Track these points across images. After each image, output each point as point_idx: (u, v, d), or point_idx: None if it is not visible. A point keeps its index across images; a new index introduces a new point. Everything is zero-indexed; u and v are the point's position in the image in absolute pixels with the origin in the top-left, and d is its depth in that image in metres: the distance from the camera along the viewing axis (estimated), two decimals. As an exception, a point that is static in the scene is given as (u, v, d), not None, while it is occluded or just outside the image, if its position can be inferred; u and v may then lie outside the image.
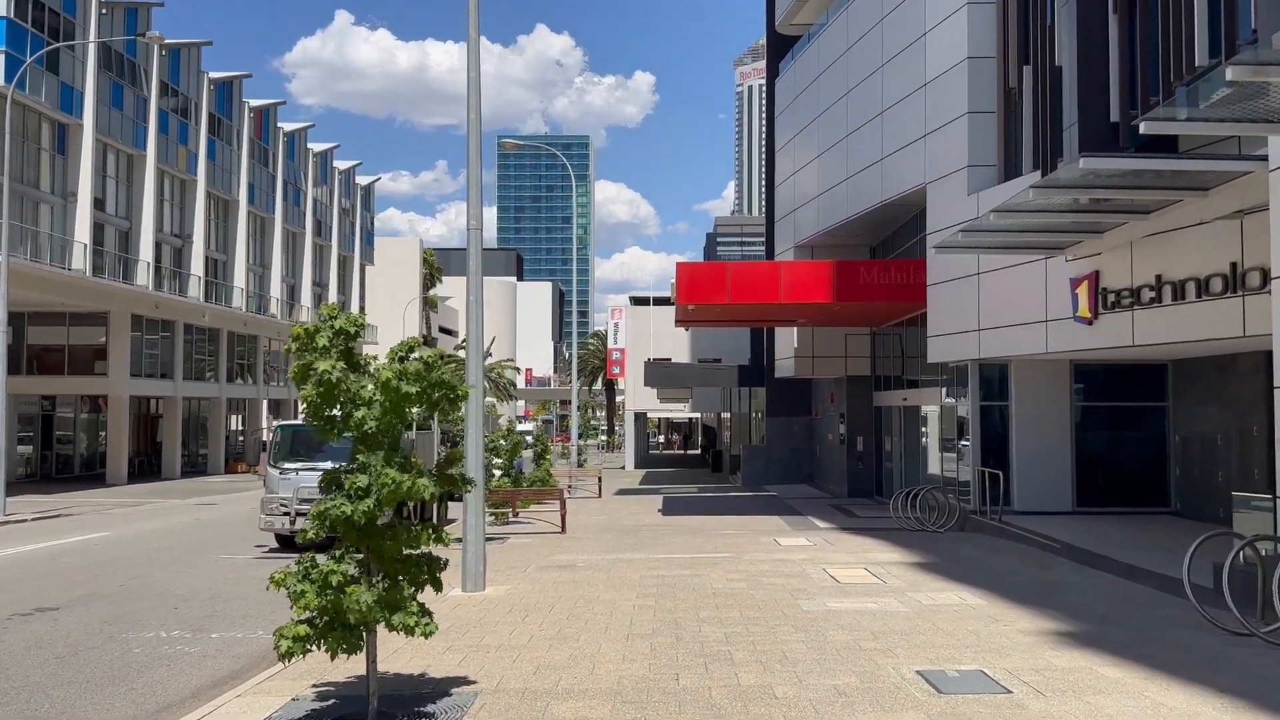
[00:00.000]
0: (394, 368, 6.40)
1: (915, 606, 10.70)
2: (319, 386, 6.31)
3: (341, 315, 6.59)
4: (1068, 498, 19.79)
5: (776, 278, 22.56)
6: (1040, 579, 12.68)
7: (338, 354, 6.48)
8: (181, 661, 9.16)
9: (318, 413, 6.48)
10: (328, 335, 6.45)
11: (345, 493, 6.33)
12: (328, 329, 6.48)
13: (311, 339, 6.46)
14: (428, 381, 6.47)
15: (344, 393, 6.35)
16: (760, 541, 17.10)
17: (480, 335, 12.16)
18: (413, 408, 6.59)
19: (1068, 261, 16.80)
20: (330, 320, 6.52)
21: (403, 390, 6.29)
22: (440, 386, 6.60)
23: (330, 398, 6.37)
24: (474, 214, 12.34)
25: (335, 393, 6.36)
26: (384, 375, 6.28)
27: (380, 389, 6.29)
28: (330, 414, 6.49)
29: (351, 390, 6.35)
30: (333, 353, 6.46)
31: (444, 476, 6.87)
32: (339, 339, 6.49)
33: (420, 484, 6.36)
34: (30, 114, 33.96)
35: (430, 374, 6.45)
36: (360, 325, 6.62)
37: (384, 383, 6.25)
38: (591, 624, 9.88)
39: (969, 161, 19.58)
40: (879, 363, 27.99)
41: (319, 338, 6.44)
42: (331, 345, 6.48)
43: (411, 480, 6.33)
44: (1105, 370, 20.25)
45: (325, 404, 6.41)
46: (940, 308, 20.43)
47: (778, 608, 10.66)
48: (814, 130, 27.31)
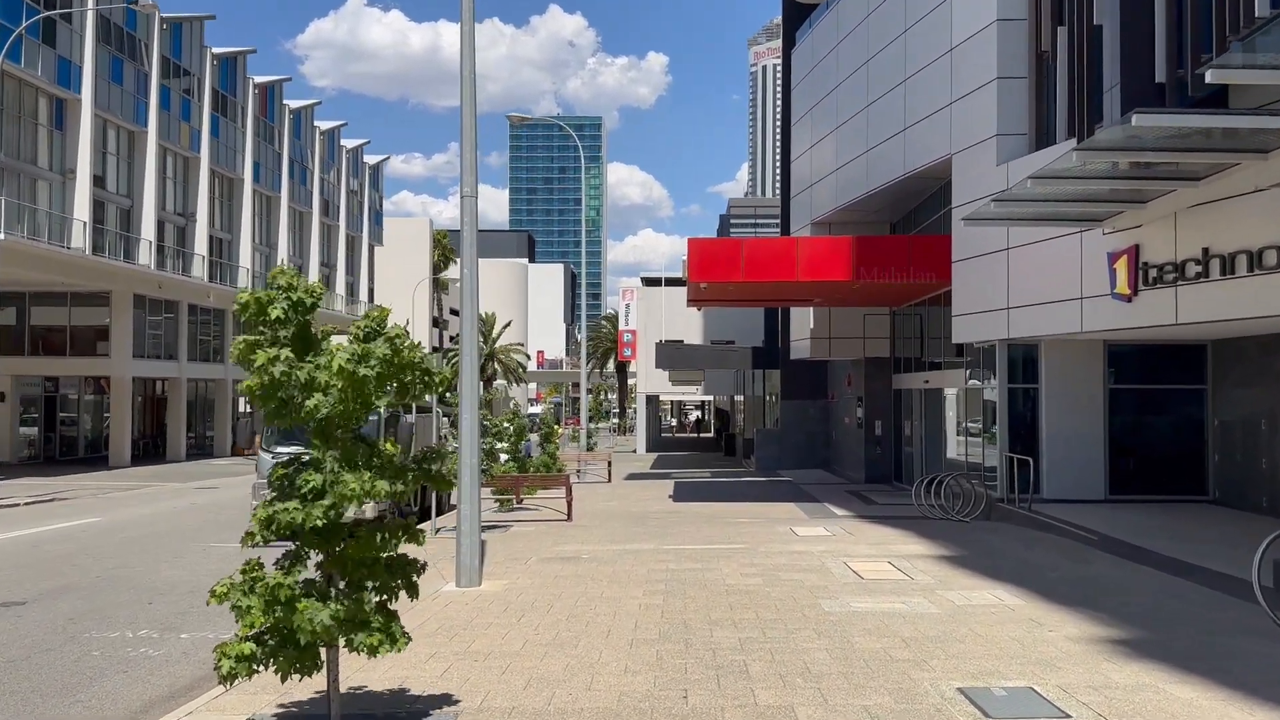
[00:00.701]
0: (350, 349, 5.47)
1: (947, 607, 9.77)
2: (261, 380, 5.41)
3: (299, 281, 5.66)
4: (1100, 485, 18.80)
5: (793, 254, 21.53)
6: (1080, 575, 11.72)
7: (290, 332, 5.56)
8: (141, 667, 8.32)
9: (263, 402, 5.58)
10: (283, 307, 5.53)
11: (298, 494, 5.43)
12: (283, 300, 5.56)
13: (263, 311, 5.54)
14: (393, 364, 5.56)
15: (293, 383, 5.45)
16: (776, 531, 16.19)
17: (474, 310, 11.25)
18: (379, 391, 5.68)
19: (1105, 235, 15.75)
20: (286, 290, 5.60)
21: (359, 374, 5.37)
22: (410, 368, 5.68)
23: (274, 391, 5.47)
24: (468, 181, 11.41)
25: (280, 391, 5.46)
26: (337, 361, 5.35)
27: (335, 374, 5.37)
28: (279, 398, 5.58)
29: (301, 378, 5.44)
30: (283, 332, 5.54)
31: (421, 472, 5.96)
32: (296, 312, 5.57)
33: (379, 486, 5.46)
34: (27, 88, 33.15)
35: (397, 356, 5.53)
36: (320, 295, 5.70)
37: (339, 369, 5.34)
38: (593, 626, 8.99)
39: (998, 130, 18.49)
40: (899, 344, 26.97)
41: (273, 309, 5.52)
42: (288, 319, 5.56)
43: (370, 481, 5.43)
44: (1140, 351, 19.22)
45: (270, 394, 5.50)
46: (966, 285, 19.40)
47: (797, 608, 9.76)
48: (832, 101, 26.21)
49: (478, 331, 11.20)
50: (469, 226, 11.40)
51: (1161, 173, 13.15)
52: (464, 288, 11.32)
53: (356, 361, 5.44)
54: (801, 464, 33.44)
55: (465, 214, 11.40)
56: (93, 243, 35.58)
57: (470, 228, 11.40)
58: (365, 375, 5.38)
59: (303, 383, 5.43)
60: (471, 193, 11.39)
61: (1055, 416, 18.73)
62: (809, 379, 33.75)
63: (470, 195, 11.39)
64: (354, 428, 5.76)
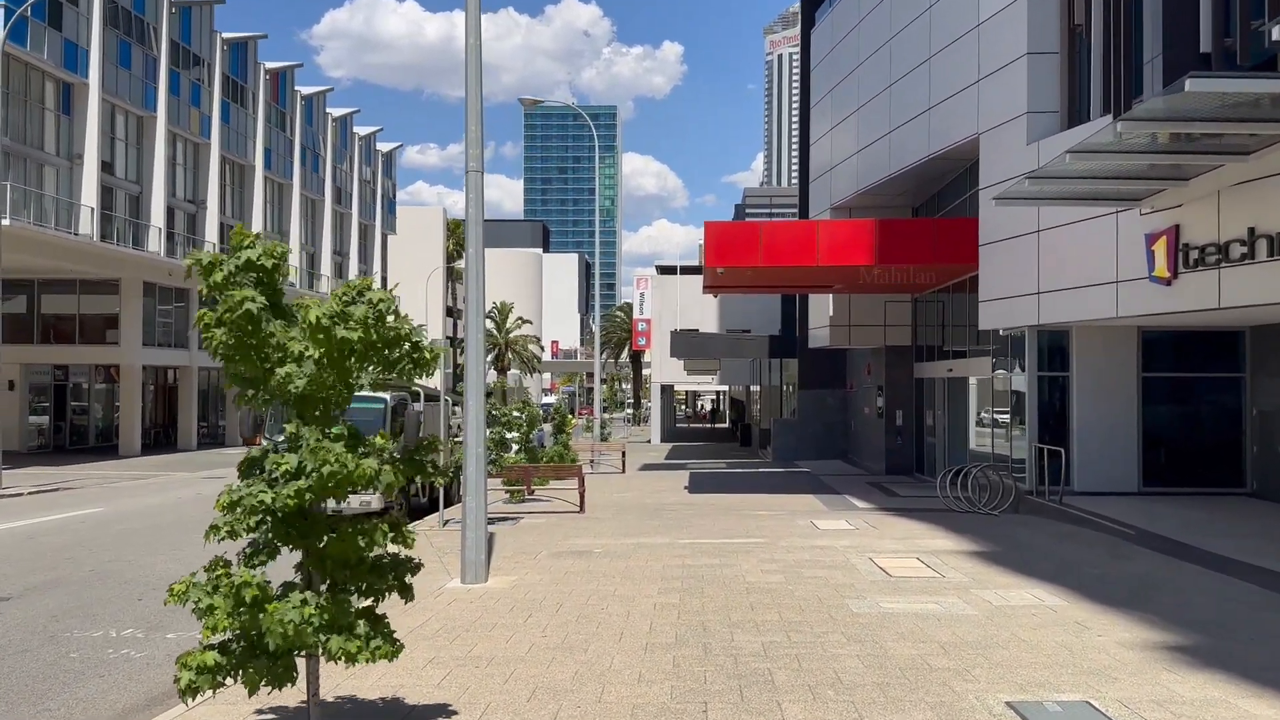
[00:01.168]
0: (326, 306, 4.83)
1: (984, 608, 9.12)
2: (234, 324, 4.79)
3: (259, 243, 5.04)
4: (1133, 477, 18.08)
5: (813, 238, 20.82)
6: (1123, 573, 11.04)
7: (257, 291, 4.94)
8: (120, 671, 7.77)
9: (232, 366, 4.97)
10: (229, 269, 4.90)
11: (265, 476, 4.83)
12: (231, 262, 4.93)
13: (209, 274, 4.92)
14: (375, 330, 4.93)
15: (265, 341, 4.83)
16: (796, 524, 15.55)
17: (480, 292, 10.64)
18: (361, 366, 5.06)
19: (1143, 215, 15.00)
20: (238, 249, 4.97)
21: (339, 336, 4.74)
22: (397, 341, 5.05)
23: (245, 346, 4.86)
24: (474, 156, 10.78)
25: (254, 339, 4.84)
26: (313, 314, 4.72)
27: (309, 335, 4.75)
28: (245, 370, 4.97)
29: (274, 339, 4.82)
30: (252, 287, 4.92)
31: (409, 461, 5.34)
32: (244, 275, 4.94)
33: (366, 465, 4.83)
34: (33, 72, 32.69)
35: (380, 322, 4.90)
36: (282, 257, 5.07)
37: (313, 324, 4.71)
38: (604, 628, 8.38)
39: (1028, 107, 17.73)
40: (921, 332, 26.22)
41: (216, 273, 4.89)
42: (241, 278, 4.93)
43: (357, 460, 4.81)
44: (1175, 338, 18.47)
45: (241, 354, 4.90)
46: (994, 270, 18.66)
47: (822, 608, 9.12)
48: (853, 82, 25.44)
49: (490, 320, 10.58)
50: (474, 204, 10.78)
51: (1207, 147, 12.41)
52: (469, 269, 10.71)
53: (334, 320, 4.80)
54: (819, 455, 32.76)
55: (470, 190, 10.78)
56: (101, 229, 35.16)
57: (476, 205, 10.78)
58: (345, 338, 4.73)
59: (274, 342, 4.81)
60: (477, 168, 10.76)
61: (1087, 406, 18.01)
62: (827, 368, 33.06)
63: (476, 170, 10.76)
64: (336, 411, 5.15)
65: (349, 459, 4.78)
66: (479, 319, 10.61)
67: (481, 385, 10.77)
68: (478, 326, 10.64)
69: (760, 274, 22.48)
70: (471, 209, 10.76)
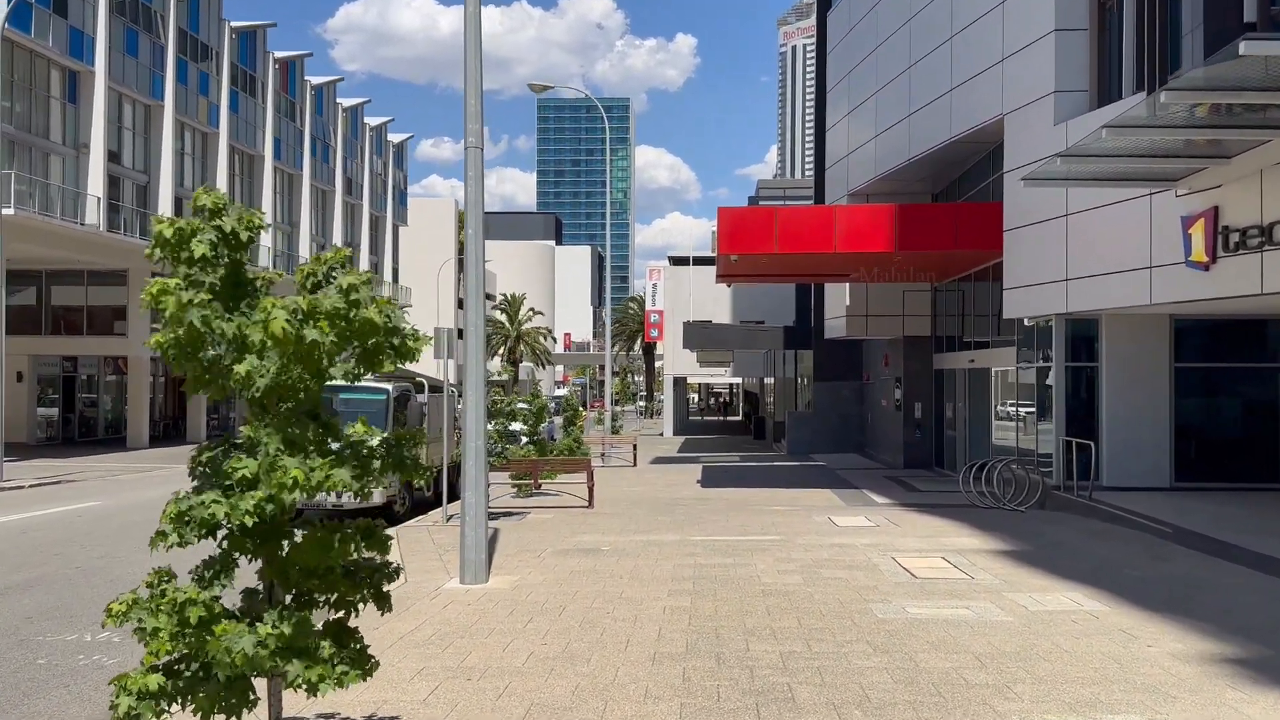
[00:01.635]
0: (290, 302, 4.23)
1: (1020, 614, 8.47)
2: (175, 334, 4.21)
3: (232, 207, 4.44)
4: (1164, 472, 17.35)
5: (830, 224, 20.13)
6: (1163, 574, 10.37)
7: (219, 275, 4.34)
8: (87, 680, 7.21)
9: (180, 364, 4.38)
10: (209, 242, 4.31)
11: (220, 484, 4.23)
12: (210, 231, 4.34)
13: (185, 244, 4.32)
14: (349, 322, 4.32)
15: (217, 338, 4.24)
16: (813, 521, 14.91)
17: (480, 274, 10.04)
18: (333, 360, 4.46)
19: (1179, 196, 14.27)
20: (214, 215, 4.37)
21: (306, 339, 4.14)
22: (374, 331, 4.44)
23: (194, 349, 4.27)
24: (473, 130, 10.16)
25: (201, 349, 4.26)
26: (277, 324, 4.11)
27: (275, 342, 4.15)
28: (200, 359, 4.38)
29: (229, 334, 4.23)
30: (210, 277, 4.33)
31: (392, 459, 4.73)
32: (224, 248, 4.36)
33: (337, 475, 4.23)
34: (38, 59, 32.24)
35: (353, 312, 4.29)
36: (259, 227, 4.47)
37: (277, 337, 4.11)
38: (609, 635, 7.78)
39: (1056, 87, 16.99)
40: (941, 322, 25.49)
41: (196, 244, 4.29)
42: (215, 257, 4.34)
43: (325, 469, 4.20)
44: (1209, 327, 17.72)
45: (189, 353, 4.31)
46: (1020, 256, 17.94)
47: (845, 614, 8.49)
48: (870, 64, 24.69)
49: (502, 312, 9.97)
50: (474, 182, 10.17)
51: (1252, 121, 11.67)
52: (468, 251, 10.11)
53: (301, 320, 4.20)
54: (835, 448, 32.10)
55: (470, 168, 10.17)
56: (108, 219, 34.74)
57: (475, 184, 10.17)
58: (310, 338, 4.14)
59: (229, 338, 4.22)
60: (476, 143, 10.15)
61: (1116, 398, 17.29)
62: (843, 359, 32.38)
63: (475, 146, 10.15)
64: (305, 404, 4.55)
65: (317, 470, 4.17)
66: (479, 303, 10.00)
67: (482, 374, 10.18)
68: (478, 311, 10.04)
69: (775, 261, 21.82)
70: (471, 187, 10.15)
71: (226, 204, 4.42)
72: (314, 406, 4.69)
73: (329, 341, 4.18)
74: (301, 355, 4.27)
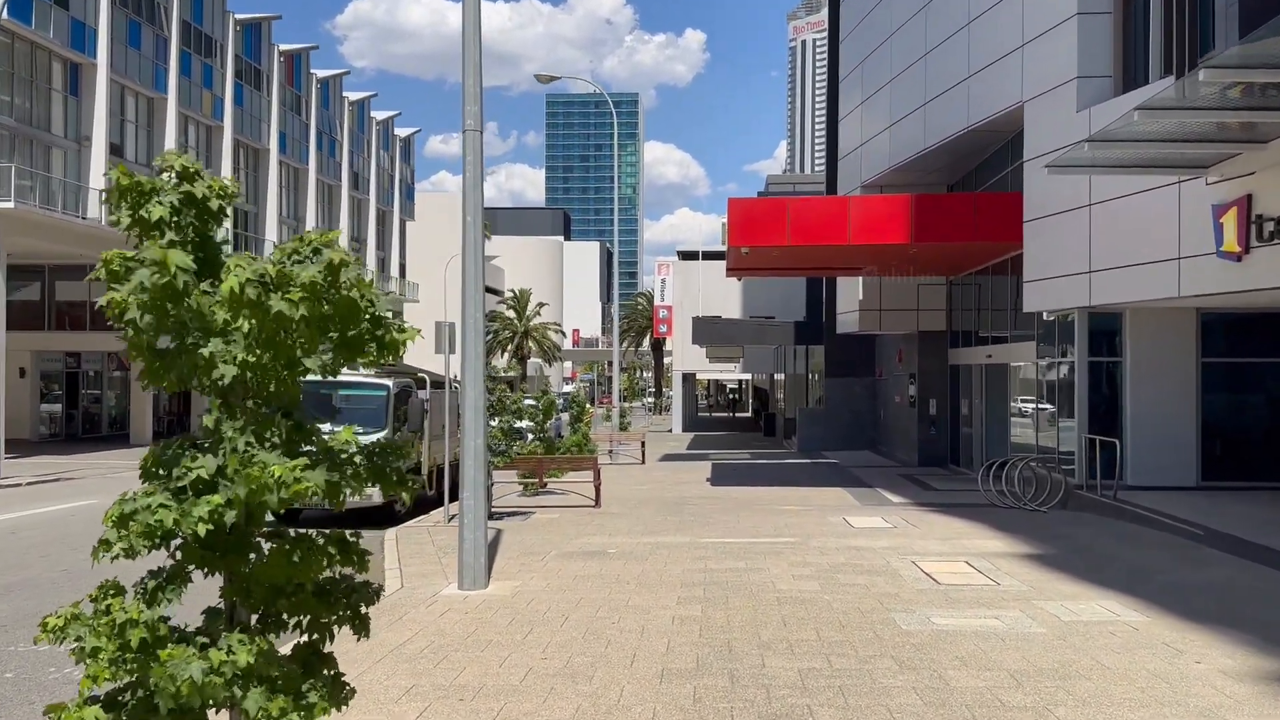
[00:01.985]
0: (258, 267, 3.69)
1: (1052, 625, 7.93)
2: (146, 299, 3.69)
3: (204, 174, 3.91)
4: (1191, 471, 16.76)
5: (844, 215, 19.57)
6: (1200, 581, 9.82)
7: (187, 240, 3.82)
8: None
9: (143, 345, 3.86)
10: (171, 205, 3.77)
11: (171, 485, 3.72)
12: (174, 194, 3.80)
13: (143, 201, 3.78)
14: (330, 301, 3.80)
15: (186, 311, 3.72)
16: (828, 521, 14.38)
17: (477, 263, 9.53)
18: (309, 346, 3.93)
19: (1210, 184, 13.67)
20: (177, 175, 3.84)
21: (274, 309, 3.61)
22: (355, 316, 3.91)
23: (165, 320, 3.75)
24: (470, 111, 9.65)
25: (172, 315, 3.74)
26: (232, 281, 3.57)
27: (229, 305, 3.61)
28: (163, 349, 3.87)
29: (196, 309, 3.71)
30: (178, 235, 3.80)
31: (371, 467, 4.20)
32: (190, 215, 3.82)
33: (311, 478, 3.70)
34: (39, 51, 31.83)
35: (334, 290, 3.76)
36: (231, 196, 3.94)
37: (233, 293, 3.57)
38: (614, 648, 7.27)
39: (1079, 72, 16.40)
40: (957, 316, 24.91)
41: (154, 206, 3.75)
42: (178, 220, 3.81)
43: (296, 471, 3.67)
44: (1237, 320, 17.12)
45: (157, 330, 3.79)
46: (1040, 247, 17.35)
47: (866, 624, 7.96)
48: (885, 51, 24.10)
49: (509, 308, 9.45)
50: (472, 166, 9.66)
51: (1292, 103, 11.09)
52: (465, 238, 9.60)
53: (266, 287, 3.66)
54: (847, 445, 31.54)
55: (468, 151, 9.66)
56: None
57: (474, 168, 9.66)
58: (282, 311, 3.60)
59: (195, 311, 3.70)
60: (475, 126, 9.64)
61: (1141, 394, 16.71)
62: (856, 355, 31.81)
63: (474, 129, 9.64)
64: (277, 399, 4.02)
65: (290, 470, 3.65)
66: (477, 293, 9.50)
67: (480, 369, 9.67)
68: (475, 302, 9.53)
69: (787, 254, 21.26)
70: (469, 171, 9.64)
71: (200, 171, 3.90)
72: (291, 404, 4.17)
73: (299, 317, 3.64)
74: (271, 338, 3.75)
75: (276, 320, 3.62)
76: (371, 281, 4.17)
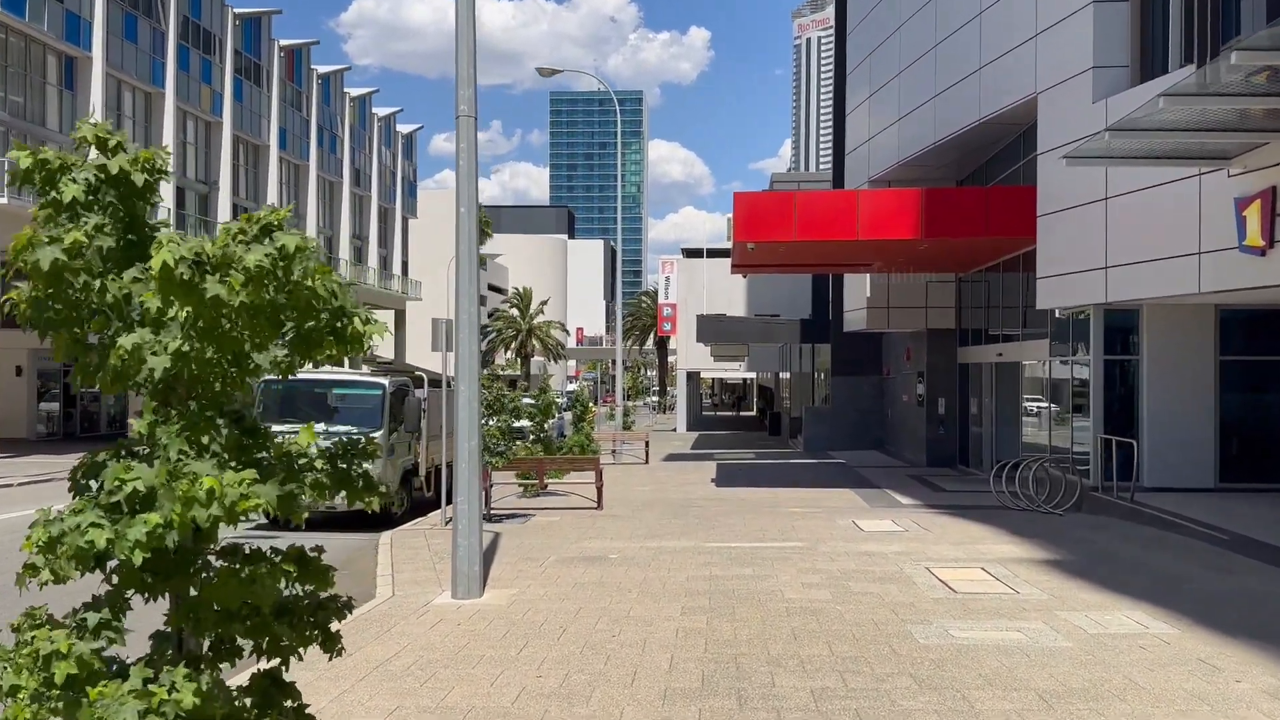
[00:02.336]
0: (194, 245, 3.23)
1: (1079, 638, 7.47)
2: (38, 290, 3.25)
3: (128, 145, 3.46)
4: (1209, 472, 16.28)
5: (853, 210, 19.09)
6: (1232, 590, 9.35)
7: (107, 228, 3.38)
8: None
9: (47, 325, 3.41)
10: (85, 182, 3.32)
11: (103, 500, 3.27)
12: (88, 170, 3.35)
13: (52, 181, 3.33)
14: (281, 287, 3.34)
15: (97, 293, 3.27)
16: (836, 524, 13.93)
17: (472, 256, 9.09)
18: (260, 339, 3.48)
19: (1232, 176, 13.19)
20: (92, 147, 3.40)
21: (210, 294, 3.15)
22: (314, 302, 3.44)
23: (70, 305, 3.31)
24: (464, 95, 9.20)
25: (82, 305, 3.30)
26: (165, 256, 3.11)
27: (160, 288, 3.16)
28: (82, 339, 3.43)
29: (111, 292, 3.27)
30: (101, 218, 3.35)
31: (336, 474, 3.75)
32: (109, 192, 3.37)
33: (259, 492, 3.25)
34: (33, 44, 31.44)
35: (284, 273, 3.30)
36: (160, 170, 3.50)
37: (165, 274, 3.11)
38: (614, 664, 6.82)
39: (1095, 61, 15.92)
40: (966, 314, 24.43)
41: (66, 186, 3.30)
42: (96, 199, 3.36)
43: (244, 485, 3.21)
44: (1257, 317, 16.64)
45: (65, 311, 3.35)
46: (1054, 242, 16.87)
47: (881, 637, 7.51)
48: (894, 44, 23.62)
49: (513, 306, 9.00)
50: (465, 154, 9.21)
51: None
52: (459, 229, 9.15)
53: (200, 267, 3.20)
54: (854, 444, 31.07)
55: (461, 139, 9.21)
56: (107, 210, 33.94)
57: (468, 156, 9.21)
58: (219, 297, 3.15)
59: (112, 300, 3.26)
60: (469, 112, 9.19)
61: (1158, 393, 16.23)
62: (863, 353, 31.34)
63: (467, 115, 9.18)
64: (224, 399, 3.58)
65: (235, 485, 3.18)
66: (471, 286, 9.05)
67: (475, 366, 9.23)
68: (470, 296, 9.09)
69: (794, 250, 20.79)
70: (463, 160, 9.19)
71: (123, 141, 3.45)
72: (242, 404, 3.73)
73: (238, 304, 3.18)
74: (212, 329, 3.30)
75: (214, 306, 3.16)
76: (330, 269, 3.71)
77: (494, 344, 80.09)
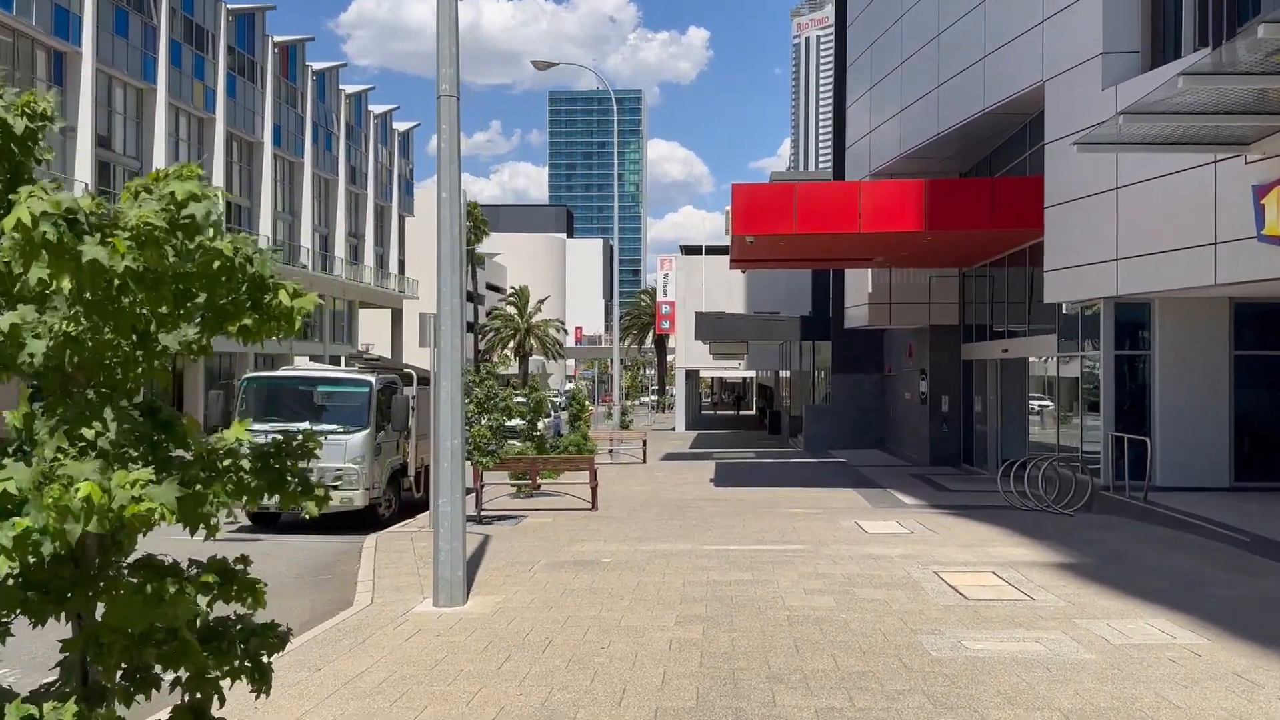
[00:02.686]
0: (62, 198, 2.71)
1: (1102, 650, 6.96)
2: None
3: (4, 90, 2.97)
4: (1223, 470, 15.78)
5: (855, 202, 18.58)
6: (1258, 595, 8.84)
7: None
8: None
9: None
10: None
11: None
12: None
13: None
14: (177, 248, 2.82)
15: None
16: (839, 526, 13.42)
17: (456, 244, 8.58)
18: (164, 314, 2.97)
19: (1249, 163, 12.69)
20: None
21: (87, 257, 2.65)
22: (223, 272, 2.94)
23: None
24: (445, 75, 8.69)
25: None
26: (22, 212, 2.60)
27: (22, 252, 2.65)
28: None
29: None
30: None
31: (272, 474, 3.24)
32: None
33: (156, 495, 2.75)
34: (21, 39, 30.92)
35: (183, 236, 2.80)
36: (45, 116, 3.00)
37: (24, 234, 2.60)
38: (602, 680, 6.31)
39: (1104, 48, 15.42)
40: (970, 309, 23.92)
41: None
42: None
43: (136, 486, 2.71)
44: (1273, 311, 16.13)
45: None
46: (1062, 234, 16.37)
47: (890, 649, 7.00)
48: (896, 33, 23.12)
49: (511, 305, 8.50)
50: (447, 138, 8.70)
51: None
52: (441, 215, 8.64)
53: (75, 226, 2.69)
54: (855, 443, 30.56)
55: (443, 121, 8.70)
56: (96, 207, 33.43)
57: (449, 139, 8.70)
58: (97, 261, 2.64)
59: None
60: (451, 92, 8.68)
61: (1171, 389, 15.73)
62: (864, 350, 30.82)
63: (449, 95, 8.67)
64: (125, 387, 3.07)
65: (121, 491, 2.68)
66: (454, 276, 8.54)
67: (458, 361, 8.72)
68: (453, 287, 8.58)
69: (794, 244, 20.27)
70: (444, 143, 8.69)
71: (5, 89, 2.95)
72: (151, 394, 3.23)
73: (123, 269, 2.68)
74: (106, 304, 2.79)
75: (97, 275, 2.66)
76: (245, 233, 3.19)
77: (492, 343, 79.55)
